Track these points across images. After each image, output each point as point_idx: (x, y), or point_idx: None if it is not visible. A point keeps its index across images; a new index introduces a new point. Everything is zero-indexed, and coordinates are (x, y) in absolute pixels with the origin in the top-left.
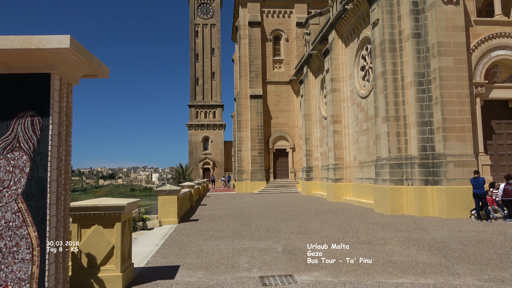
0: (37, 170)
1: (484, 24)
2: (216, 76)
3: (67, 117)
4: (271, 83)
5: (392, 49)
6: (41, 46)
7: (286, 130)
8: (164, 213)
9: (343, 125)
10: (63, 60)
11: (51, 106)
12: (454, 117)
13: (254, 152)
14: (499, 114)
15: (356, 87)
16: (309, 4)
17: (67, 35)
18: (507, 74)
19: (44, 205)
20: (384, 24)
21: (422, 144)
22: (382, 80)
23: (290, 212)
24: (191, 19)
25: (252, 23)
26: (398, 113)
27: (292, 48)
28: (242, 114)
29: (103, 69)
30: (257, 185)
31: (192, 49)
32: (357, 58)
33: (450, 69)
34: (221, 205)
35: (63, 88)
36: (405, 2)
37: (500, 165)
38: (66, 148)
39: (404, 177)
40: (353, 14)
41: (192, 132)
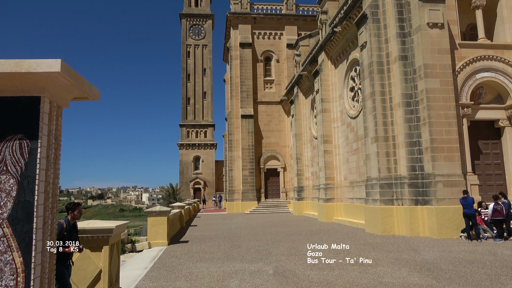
0: (24, 194)
1: (469, 47)
2: (208, 96)
3: (56, 139)
4: (262, 103)
5: (380, 70)
6: (31, 70)
7: (277, 149)
8: (153, 235)
9: (333, 145)
10: (54, 84)
11: (40, 129)
12: (442, 137)
13: (245, 172)
14: (485, 134)
15: (346, 108)
16: (299, 27)
17: (58, 59)
18: (492, 95)
19: (30, 229)
20: (372, 46)
21: (411, 164)
22: (371, 101)
23: (281, 233)
24: (183, 39)
25: (244, 44)
26: (387, 133)
27: (283, 69)
28: (233, 133)
29: (93, 92)
30: (248, 205)
31: (183, 69)
32: (347, 79)
33: (437, 91)
34: (212, 226)
35: (53, 111)
36: (392, 26)
37: (488, 184)
38: (54, 171)
39: (394, 197)
40: (342, 36)
41: (183, 152)
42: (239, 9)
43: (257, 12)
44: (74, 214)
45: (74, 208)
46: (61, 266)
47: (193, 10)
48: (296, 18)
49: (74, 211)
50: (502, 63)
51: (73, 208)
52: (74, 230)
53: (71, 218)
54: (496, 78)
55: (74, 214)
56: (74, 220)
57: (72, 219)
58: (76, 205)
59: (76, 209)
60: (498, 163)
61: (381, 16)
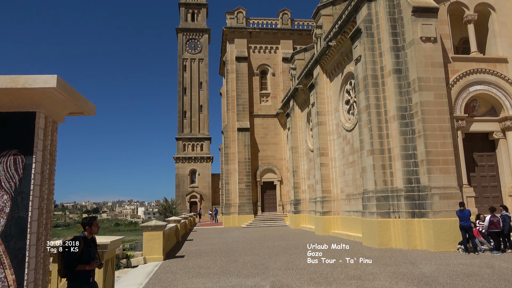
0: (18, 210)
1: (461, 60)
2: (204, 109)
3: (51, 155)
4: (258, 116)
5: (375, 84)
6: (27, 86)
7: (274, 162)
8: (149, 250)
9: (329, 158)
10: (49, 99)
11: (35, 145)
12: (437, 149)
13: (242, 185)
14: (480, 146)
15: (342, 121)
16: (294, 41)
17: (54, 75)
18: (485, 108)
19: (23, 246)
20: (367, 60)
21: (407, 177)
22: (366, 114)
23: (278, 247)
24: (179, 53)
25: (239, 58)
26: (383, 146)
27: (279, 82)
28: (229, 147)
29: (89, 107)
30: (245, 219)
31: (180, 82)
32: (342, 92)
33: (431, 103)
34: (208, 240)
35: (48, 126)
36: (386, 40)
37: (484, 196)
38: (49, 186)
39: (391, 210)
40: (337, 50)
41: (179, 165)
42: (235, 23)
43: (253, 26)
44: (91, 229)
45: (91, 223)
46: (82, 284)
47: (189, 24)
48: (292, 33)
49: (91, 225)
50: (494, 76)
51: (89, 223)
52: (93, 245)
53: (89, 233)
54: (489, 91)
55: (92, 229)
56: (91, 235)
57: (89, 234)
58: (92, 219)
59: (93, 223)
60: (494, 175)
61: (375, 31)
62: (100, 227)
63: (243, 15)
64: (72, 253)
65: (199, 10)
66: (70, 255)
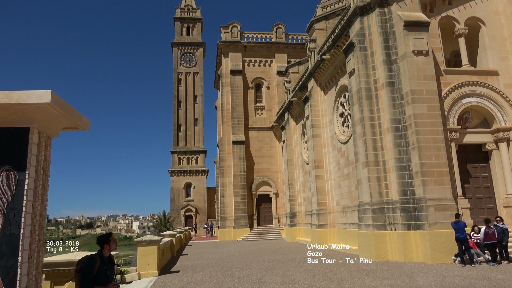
0: (10, 226)
1: (453, 73)
2: (199, 122)
3: (44, 170)
4: (253, 129)
5: (368, 96)
6: (21, 101)
7: (269, 175)
8: (143, 265)
9: (325, 170)
10: (43, 114)
11: (28, 160)
12: (431, 161)
13: (237, 198)
14: (474, 158)
15: (336, 133)
16: (288, 54)
17: (48, 90)
18: (478, 119)
19: (15, 264)
20: (360, 73)
21: (402, 189)
22: (361, 126)
23: (274, 261)
24: (175, 67)
25: (234, 71)
26: (378, 158)
27: (273, 95)
28: (225, 160)
29: (83, 121)
30: (241, 232)
31: (175, 96)
32: (336, 105)
33: (424, 116)
34: (204, 255)
35: (42, 141)
36: (379, 53)
37: (479, 208)
38: (42, 202)
39: (387, 222)
40: (331, 63)
41: (174, 179)
42: (230, 37)
43: (248, 40)
44: (110, 246)
45: (108, 240)
46: None
47: (184, 38)
48: (286, 46)
49: (109, 242)
50: (486, 88)
51: (107, 240)
52: (111, 263)
53: (107, 251)
54: (481, 103)
55: (110, 246)
56: (109, 252)
57: (108, 252)
58: (109, 236)
59: (111, 239)
60: (488, 186)
61: (368, 44)
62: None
63: (237, 29)
64: (88, 273)
65: (194, 25)
66: (85, 275)
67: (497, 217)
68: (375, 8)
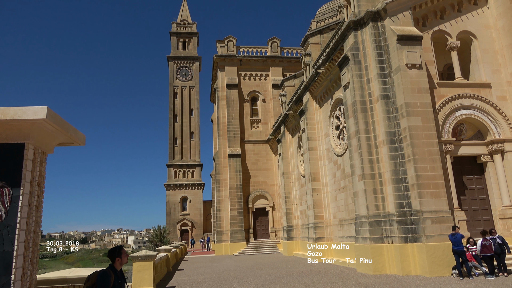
0: (3, 244)
1: (447, 86)
2: (195, 135)
3: (39, 186)
4: (249, 142)
5: (363, 109)
6: (16, 117)
7: (266, 188)
8: (139, 281)
9: (321, 183)
10: (39, 130)
11: (23, 176)
12: (427, 173)
13: (234, 212)
14: (469, 169)
15: (332, 146)
16: (284, 68)
17: (44, 106)
18: (472, 131)
19: (8, 282)
20: (355, 86)
21: (399, 201)
22: (356, 139)
23: (271, 275)
24: (171, 81)
25: (230, 85)
26: (374, 171)
27: (269, 109)
28: (221, 173)
29: (79, 137)
30: (237, 247)
31: (171, 109)
32: (331, 118)
33: (419, 128)
34: (200, 270)
35: (37, 157)
36: (373, 67)
37: (476, 220)
38: (36, 219)
39: (384, 235)
40: (325, 77)
41: (170, 192)
42: (225, 51)
43: (243, 54)
44: (122, 259)
45: (120, 253)
46: None
47: (180, 53)
48: (281, 60)
49: (121, 255)
50: (479, 100)
51: (119, 254)
52: (123, 278)
53: (119, 265)
54: (475, 115)
55: (122, 259)
56: (121, 266)
57: (119, 265)
58: (120, 249)
59: (122, 253)
60: (484, 198)
61: (362, 58)
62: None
63: (233, 44)
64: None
65: (190, 39)
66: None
67: (492, 230)
68: (368, 22)
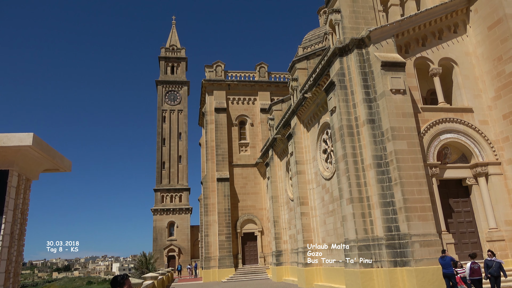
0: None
1: (430, 110)
2: (183, 159)
3: (22, 214)
4: (237, 166)
5: (350, 133)
6: (1, 144)
7: (254, 212)
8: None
9: (310, 207)
10: (24, 157)
11: (5, 204)
12: (414, 197)
13: (222, 237)
14: (455, 192)
15: (320, 169)
16: (271, 92)
17: (30, 133)
18: (457, 155)
19: None
20: (341, 111)
21: (387, 225)
22: (344, 163)
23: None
24: (159, 105)
25: (218, 109)
26: (362, 194)
27: (257, 132)
28: (209, 197)
29: (65, 163)
30: (226, 273)
31: (159, 133)
32: (319, 142)
33: (405, 152)
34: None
35: (21, 184)
36: (359, 92)
37: (463, 243)
38: (18, 248)
39: (373, 259)
40: (313, 101)
41: (157, 217)
42: (214, 76)
43: (231, 79)
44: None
45: (124, 283)
46: None
47: (169, 77)
48: (269, 85)
49: (124, 285)
50: (462, 125)
51: (123, 284)
52: None
53: None
54: (458, 139)
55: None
56: None
57: None
58: (125, 278)
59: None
60: (470, 221)
61: (348, 83)
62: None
63: (221, 68)
64: None
65: (179, 64)
66: None
67: (488, 251)
68: (353, 49)
